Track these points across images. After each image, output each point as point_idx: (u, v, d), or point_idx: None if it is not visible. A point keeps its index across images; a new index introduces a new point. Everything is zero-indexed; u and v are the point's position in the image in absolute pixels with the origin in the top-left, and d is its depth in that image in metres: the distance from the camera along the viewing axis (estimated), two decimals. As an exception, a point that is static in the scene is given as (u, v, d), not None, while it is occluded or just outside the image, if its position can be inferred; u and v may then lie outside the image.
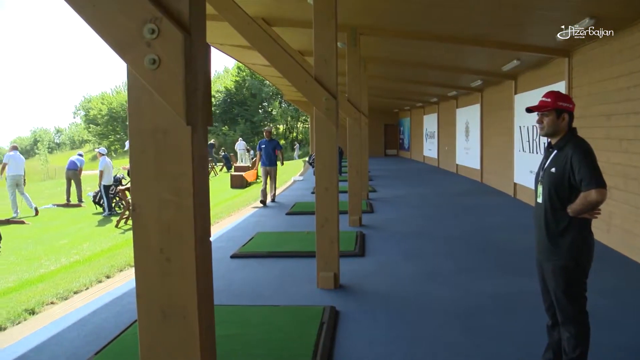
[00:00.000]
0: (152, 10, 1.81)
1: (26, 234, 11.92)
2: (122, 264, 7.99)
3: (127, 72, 1.92)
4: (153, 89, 1.83)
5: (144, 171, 1.92)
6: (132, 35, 1.83)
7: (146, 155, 1.90)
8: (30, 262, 9.04)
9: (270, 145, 13.83)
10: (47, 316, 5.90)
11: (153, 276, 1.94)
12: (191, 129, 1.86)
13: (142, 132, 1.91)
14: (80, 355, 4.59)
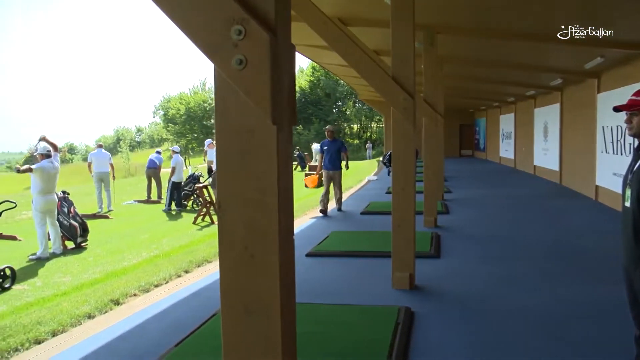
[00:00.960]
0: (239, 11, 1.84)
1: (110, 228, 12.41)
2: (199, 259, 8.20)
3: (214, 73, 1.97)
4: (240, 89, 1.86)
5: (230, 170, 1.96)
6: (220, 37, 1.87)
7: (232, 154, 1.94)
8: (114, 255, 9.41)
9: (334, 146, 12.14)
10: (130, 307, 6.13)
11: (237, 273, 1.98)
12: (277, 129, 1.88)
13: (228, 132, 1.95)
14: (161, 345, 4.74)
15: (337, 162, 12.12)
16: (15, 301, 6.88)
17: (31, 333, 5.25)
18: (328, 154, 12.06)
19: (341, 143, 12.55)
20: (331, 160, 12.02)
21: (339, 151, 12.18)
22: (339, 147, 12.23)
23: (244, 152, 1.92)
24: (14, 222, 13.57)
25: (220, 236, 1.99)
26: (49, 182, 9.50)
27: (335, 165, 12.06)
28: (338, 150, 12.16)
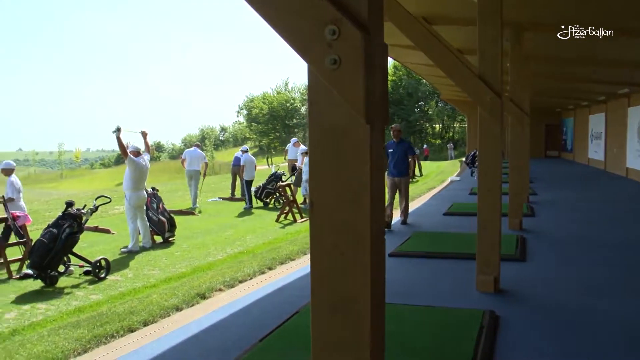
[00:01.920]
0: (333, 11, 1.87)
1: (195, 224, 12.79)
2: (283, 257, 8.33)
3: (308, 73, 2.00)
4: (333, 88, 1.88)
5: (323, 169, 1.99)
6: (314, 37, 1.90)
7: (325, 154, 1.97)
8: (199, 250, 9.71)
9: (400, 149, 10.40)
10: (215, 301, 6.30)
11: (328, 271, 2.01)
12: (370, 128, 1.89)
13: (321, 131, 1.97)
14: (245, 340, 4.86)
15: (404, 167, 10.45)
16: (110, 291, 7.23)
17: (125, 321, 5.50)
18: (393, 157, 10.42)
19: (409, 145, 10.97)
20: (396, 165, 10.39)
21: (406, 154, 10.49)
22: (406, 150, 10.51)
23: (336, 152, 1.94)
24: (107, 216, 14.25)
25: (312, 235, 2.02)
26: (140, 178, 9.92)
27: (401, 171, 10.41)
28: (405, 153, 10.47)
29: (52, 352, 4.78)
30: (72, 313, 6.31)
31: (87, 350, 4.95)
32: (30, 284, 7.55)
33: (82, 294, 7.15)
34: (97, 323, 5.48)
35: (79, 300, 6.89)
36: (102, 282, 7.69)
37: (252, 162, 16.19)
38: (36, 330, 5.66)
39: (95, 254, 8.75)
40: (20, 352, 4.81)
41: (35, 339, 5.20)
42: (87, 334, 5.19)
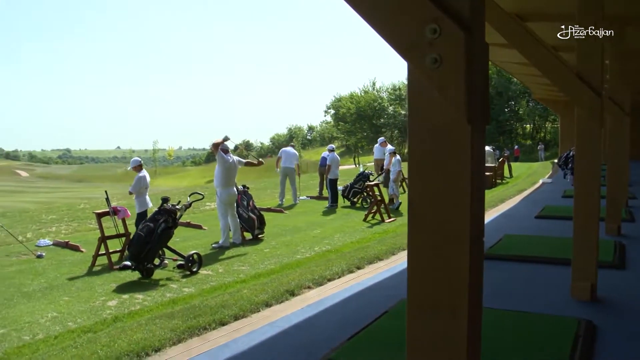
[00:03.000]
0: (434, 10, 1.85)
1: (284, 222, 12.98)
2: (371, 256, 8.32)
3: (408, 72, 2.00)
4: (434, 88, 1.87)
5: (423, 169, 1.97)
6: (415, 36, 1.89)
7: (425, 154, 1.96)
8: (288, 248, 9.85)
9: None
10: (304, 299, 6.38)
11: (426, 271, 1.99)
12: (471, 128, 1.87)
13: (421, 131, 1.96)
14: (333, 338, 4.89)
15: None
16: (202, 284, 7.46)
17: (217, 315, 5.66)
18: None
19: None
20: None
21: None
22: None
23: (437, 151, 1.92)
24: (199, 212, 14.71)
25: (410, 234, 2.02)
26: (230, 175, 10.18)
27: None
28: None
29: (149, 340, 4.99)
30: (167, 304, 6.56)
31: (181, 340, 5.13)
32: (129, 274, 7.91)
33: (175, 287, 7.42)
34: (190, 315, 5.67)
35: (172, 292, 7.15)
36: (194, 276, 7.95)
37: (336, 161, 16.28)
38: (135, 319, 5.93)
39: (188, 248, 9.06)
40: (121, 338, 5.05)
41: (135, 326, 5.44)
42: (181, 324, 5.38)
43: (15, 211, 18.42)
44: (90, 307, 6.57)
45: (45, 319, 6.18)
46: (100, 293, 7.17)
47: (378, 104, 69.74)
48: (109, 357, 4.64)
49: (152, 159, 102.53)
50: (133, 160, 10.71)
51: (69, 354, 4.78)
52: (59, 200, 33.05)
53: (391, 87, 72.89)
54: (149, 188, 10.51)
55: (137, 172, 10.29)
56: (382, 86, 75.79)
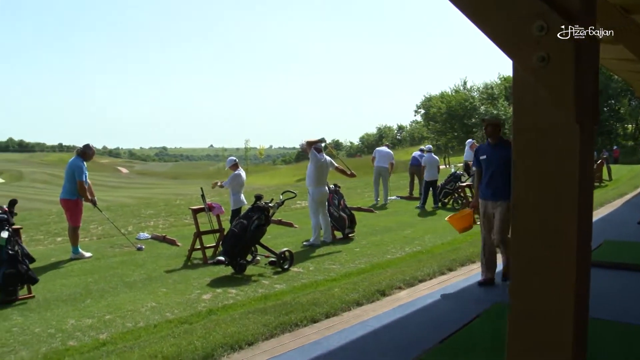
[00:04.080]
0: (541, 6, 1.79)
1: (374, 222, 12.95)
2: (463, 258, 8.16)
3: (513, 71, 1.95)
4: (542, 86, 1.81)
5: (527, 170, 1.92)
6: (521, 33, 1.84)
7: (530, 154, 1.90)
8: (378, 247, 9.83)
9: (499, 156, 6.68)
10: (395, 299, 6.35)
11: (530, 277, 1.94)
12: (579, 128, 1.80)
13: (526, 131, 1.91)
14: (424, 340, 4.85)
15: (504, 185, 6.44)
16: (293, 281, 7.57)
17: (308, 312, 5.72)
18: (488, 168, 6.73)
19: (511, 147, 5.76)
20: (493, 181, 6.67)
21: (508, 165, 6.07)
22: (509, 157, 5.03)
23: (542, 152, 1.86)
24: (290, 210, 14.93)
25: (514, 237, 1.97)
26: (322, 175, 10.27)
27: (500, 191, 6.55)
28: (507, 162, 6.24)
29: (243, 333, 5.11)
30: (259, 300, 6.70)
31: (273, 335, 5.22)
32: (222, 269, 8.13)
33: (267, 283, 7.56)
34: (282, 311, 5.76)
35: (264, 288, 7.29)
36: (286, 273, 8.07)
37: (433, 162, 15.98)
38: (228, 312, 6.09)
39: (280, 245, 9.21)
40: (216, 331, 5.20)
41: (229, 320, 5.59)
42: (273, 320, 5.48)
43: (117, 205, 19.35)
44: (186, 299, 6.81)
45: (145, 308, 6.46)
46: (196, 286, 7.41)
47: (469, 104, 68.20)
48: (205, 348, 4.78)
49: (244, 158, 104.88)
50: (229, 160, 11.00)
51: (168, 342, 4.97)
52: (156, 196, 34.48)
53: (483, 86, 71.18)
54: (244, 186, 10.78)
55: (234, 170, 10.58)
56: (474, 85, 74.15)
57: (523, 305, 1.97)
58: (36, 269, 7.60)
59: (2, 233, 6.92)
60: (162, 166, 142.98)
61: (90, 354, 4.98)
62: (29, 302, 6.85)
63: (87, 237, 11.28)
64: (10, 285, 6.83)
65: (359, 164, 49.52)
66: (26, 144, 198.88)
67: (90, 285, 7.55)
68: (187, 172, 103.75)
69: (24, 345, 5.33)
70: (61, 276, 8.18)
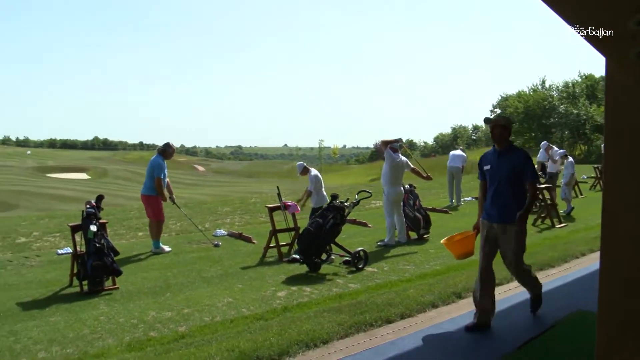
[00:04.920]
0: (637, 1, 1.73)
1: (449, 223, 12.76)
2: (542, 263, 7.92)
3: (606, 68, 1.88)
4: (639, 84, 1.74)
5: (619, 172, 1.85)
6: (615, 29, 1.77)
7: (622, 156, 1.83)
8: (453, 249, 9.68)
9: (508, 164, 5.34)
10: (471, 302, 6.22)
11: (621, 283, 1.87)
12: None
13: (620, 131, 1.83)
14: (500, 345, 4.79)
15: (514, 200, 5.26)
16: (367, 281, 7.56)
17: (383, 312, 5.70)
18: (493, 180, 5.41)
19: (524, 157, 5.34)
20: (499, 196, 5.33)
21: (519, 176, 5.27)
22: (520, 167, 5.24)
23: (637, 154, 1.79)
24: (365, 210, 14.93)
25: (603, 243, 1.90)
26: (398, 174, 10.21)
27: (508, 209, 5.24)
28: (517, 174, 5.27)
29: (318, 331, 5.14)
30: (334, 299, 6.73)
31: (348, 335, 5.22)
32: (297, 267, 8.22)
33: (341, 282, 7.59)
34: (357, 311, 5.77)
35: (339, 287, 7.32)
36: (360, 273, 8.07)
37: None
38: (303, 310, 6.15)
39: (354, 245, 9.23)
40: (291, 328, 5.26)
41: (303, 317, 5.64)
42: (348, 319, 5.48)
43: (194, 202, 19.89)
44: (261, 296, 6.92)
45: (221, 303, 6.61)
46: (271, 283, 7.52)
47: (548, 103, 66.13)
48: (280, 345, 4.84)
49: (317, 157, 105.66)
50: (299, 165, 11.18)
51: (244, 338, 5.06)
52: (232, 194, 35.22)
53: (563, 84, 68.80)
54: (323, 185, 10.89)
55: (305, 174, 10.70)
56: (553, 84, 71.78)
57: (613, 313, 1.90)
58: (119, 261, 7.92)
59: (91, 227, 7.25)
60: (237, 165, 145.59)
61: (170, 345, 5.14)
62: (113, 293, 7.16)
63: (166, 233, 11.63)
64: (97, 276, 7.17)
65: (433, 164, 48.87)
66: (110, 142, 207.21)
67: (169, 279, 7.80)
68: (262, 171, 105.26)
69: (109, 334, 5.59)
70: (142, 270, 8.49)
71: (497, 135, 5.39)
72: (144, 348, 5.15)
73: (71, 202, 32.72)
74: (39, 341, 5.43)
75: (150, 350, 5.04)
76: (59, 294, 7.24)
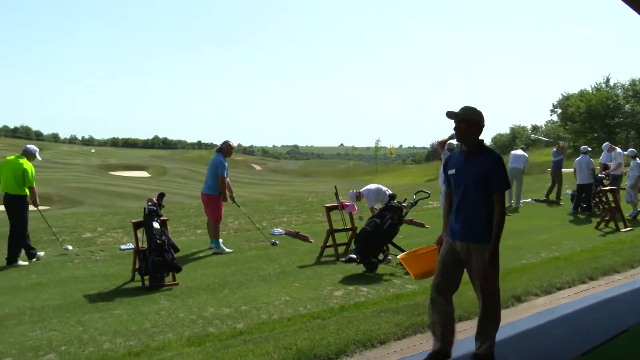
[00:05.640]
0: None
1: (508, 225, 12.21)
2: (606, 267, 7.69)
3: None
4: None
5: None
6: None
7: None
8: (512, 251, 9.46)
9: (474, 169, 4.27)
10: (530, 306, 6.11)
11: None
12: None
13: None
14: (563, 351, 4.67)
15: (484, 217, 4.32)
16: (425, 282, 7.32)
17: (440, 314, 5.63)
18: (458, 187, 4.42)
19: (494, 159, 4.30)
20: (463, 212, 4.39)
21: (483, 184, 4.25)
22: (486, 172, 4.22)
23: None
24: (422, 210, 14.79)
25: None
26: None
27: (474, 225, 4.35)
28: (485, 181, 4.23)
29: (375, 332, 5.13)
30: (391, 299, 6.70)
31: (405, 336, 5.19)
32: (354, 267, 8.22)
33: (398, 283, 7.55)
34: (414, 312, 5.72)
35: (396, 288, 7.28)
36: (416, 274, 8.01)
37: (586, 164, 14.58)
38: (360, 310, 6.15)
39: (411, 245, 9.14)
40: (349, 327, 5.26)
41: (361, 317, 5.63)
42: (405, 320, 5.45)
43: (252, 201, 20.13)
44: (318, 294, 6.95)
45: (279, 301, 6.68)
46: (328, 282, 7.55)
47: (612, 102, 64.07)
48: (338, 344, 4.85)
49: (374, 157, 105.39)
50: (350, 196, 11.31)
51: (301, 336, 5.09)
52: (288, 193, 35.53)
53: (629, 83, 66.45)
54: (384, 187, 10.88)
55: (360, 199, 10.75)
56: (618, 83, 69.48)
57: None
58: (179, 258, 8.09)
59: (154, 224, 7.45)
60: (294, 164, 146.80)
61: (228, 342, 5.23)
62: (173, 288, 7.33)
63: (225, 231, 11.81)
64: (158, 272, 7.35)
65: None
66: (169, 141, 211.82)
67: (227, 277, 7.93)
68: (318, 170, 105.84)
69: (170, 328, 5.73)
70: (201, 266, 8.66)
71: (462, 132, 4.30)
72: (203, 343, 5.25)
73: (132, 199, 33.64)
74: (104, 332, 5.63)
75: (209, 346, 5.13)
76: (121, 287, 7.47)
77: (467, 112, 4.32)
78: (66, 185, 41.98)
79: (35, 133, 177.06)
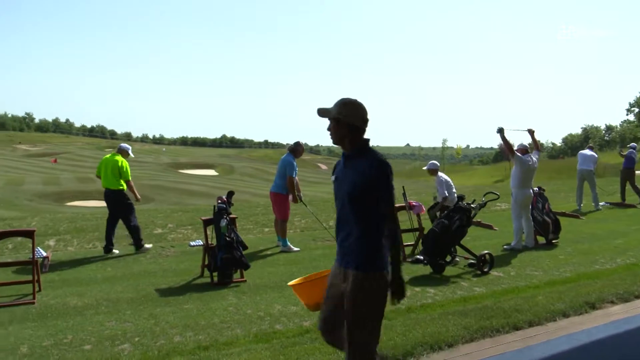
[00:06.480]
0: None
1: (580, 228, 12.14)
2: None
3: None
4: None
5: None
6: None
7: None
8: (585, 256, 9.19)
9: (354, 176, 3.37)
10: (606, 313, 5.90)
11: None
12: None
13: None
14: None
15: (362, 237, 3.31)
16: (493, 285, 7.36)
17: (510, 318, 5.52)
18: (338, 204, 3.53)
19: (377, 165, 3.31)
20: (341, 229, 3.48)
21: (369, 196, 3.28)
22: (369, 181, 3.27)
23: None
24: (490, 212, 14.52)
25: None
26: (527, 176, 9.83)
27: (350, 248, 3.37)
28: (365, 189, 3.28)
29: (443, 334, 5.07)
30: (458, 302, 6.60)
31: (473, 339, 5.11)
32: (421, 268, 8.15)
33: (466, 285, 7.43)
34: (483, 315, 5.62)
35: (463, 290, 7.17)
36: (485, 276, 7.87)
37: None
38: (427, 312, 6.08)
39: (478, 247, 9.00)
40: (416, 329, 5.22)
41: (428, 319, 5.58)
42: (473, 324, 5.36)
43: (318, 200, 20.20)
44: (384, 295, 6.91)
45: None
46: (394, 283, 7.49)
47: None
48: (405, 346, 4.82)
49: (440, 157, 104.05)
50: (431, 163, 11.00)
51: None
52: (354, 192, 35.36)
53: None
54: (453, 186, 10.72)
55: (435, 174, 10.56)
56: None
57: None
58: (247, 255, 8.22)
59: (221, 221, 7.60)
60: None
61: (295, 339, 5.27)
62: (241, 285, 7.46)
63: (292, 229, 11.93)
64: (226, 269, 7.51)
65: (561, 167, 46.63)
66: (236, 140, 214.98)
67: (295, 275, 7.96)
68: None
69: (238, 324, 5.82)
70: (268, 264, 8.78)
71: (332, 133, 3.51)
72: (270, 340, 5.31)
73: (201, 196, 34.30)
74: (174, 326, 5.78)
75: (276, 343, 5.18)
76: (191, 283, 7.65)
77: (335, 109, 3.46)
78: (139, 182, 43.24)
79: (110, 132, 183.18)
